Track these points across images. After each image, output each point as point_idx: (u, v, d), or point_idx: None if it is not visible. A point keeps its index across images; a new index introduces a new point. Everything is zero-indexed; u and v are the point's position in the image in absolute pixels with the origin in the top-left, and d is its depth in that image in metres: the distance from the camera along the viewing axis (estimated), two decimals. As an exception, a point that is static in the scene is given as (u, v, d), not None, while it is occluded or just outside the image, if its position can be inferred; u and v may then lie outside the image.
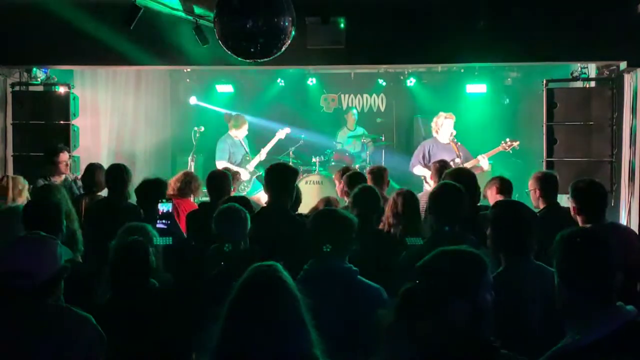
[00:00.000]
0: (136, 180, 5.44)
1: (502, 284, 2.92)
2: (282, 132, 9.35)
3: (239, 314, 2.03)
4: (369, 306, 2.94)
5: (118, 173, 5.50)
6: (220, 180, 5.41)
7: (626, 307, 2.28)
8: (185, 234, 5.00)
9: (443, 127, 7.96)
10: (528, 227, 3.23)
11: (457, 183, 4.10)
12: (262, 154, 8.91)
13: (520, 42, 7.07)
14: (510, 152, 8.01)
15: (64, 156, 6.71)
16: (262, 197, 6.87)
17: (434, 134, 8.10)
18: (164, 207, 4.36)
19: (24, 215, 3.83)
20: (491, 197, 5.13)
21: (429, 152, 8.03)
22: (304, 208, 5.54)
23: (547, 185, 5.03)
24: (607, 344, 2.16)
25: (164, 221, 4.36)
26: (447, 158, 7.49)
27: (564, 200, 5.65)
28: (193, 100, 11.01)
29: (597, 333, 2.17)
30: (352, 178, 5.44)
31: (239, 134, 8.95)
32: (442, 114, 8.11)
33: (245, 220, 3.93)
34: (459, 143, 7.99)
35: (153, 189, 4.90)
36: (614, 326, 2.19)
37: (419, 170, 8.03)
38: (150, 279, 3.34)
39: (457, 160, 7.71)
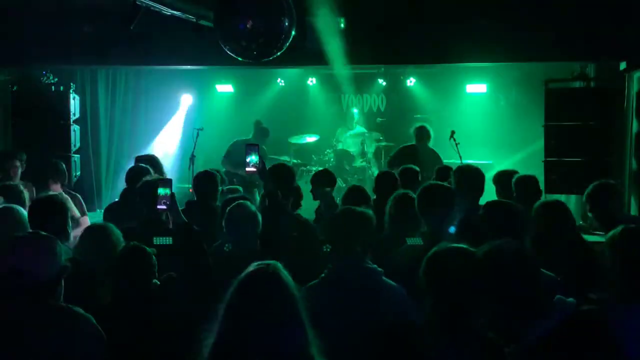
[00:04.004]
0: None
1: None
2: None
3: (236, 312, 2.04)
4: (393, 306, 2.95)
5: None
6: (205, 181, 5.27)
7: (567, 300, 2.37)
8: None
9: None
10: (520, 227, 3.24)
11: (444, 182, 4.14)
12: None
13: (520, 42, 7.08)
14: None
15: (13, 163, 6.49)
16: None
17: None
18: (161, 191, 4.36)
19: (30, 214, 3.83)
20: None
21: None
22: (303, 209, 5.53)
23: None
24: (550, 339, 2.24)
25: (163, 201, 4.35)
26: None
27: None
28: (189, 99, 11.00)
29: (538, 332, 2.25)
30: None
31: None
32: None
33: (255, 220, 3.90)
34: None
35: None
36: (555, 321, 2.26)
37: None
38: (152, 281, 3.34)
39: None
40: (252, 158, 4.49)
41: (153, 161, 5.68)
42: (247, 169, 4.56)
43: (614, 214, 4.20)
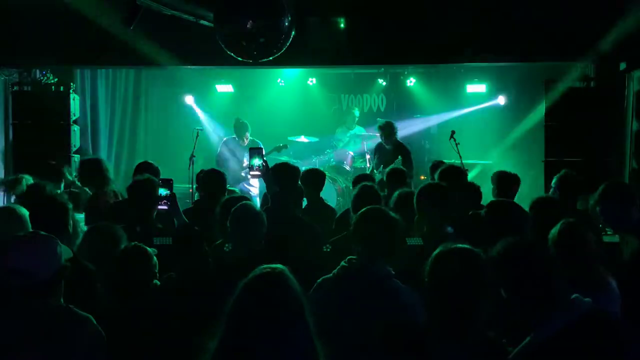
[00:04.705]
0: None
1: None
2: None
3: (241, 315, 2.03)
4: (400, 308, 2.95)
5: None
6: (213, 179, 5.24)
7: (583, 299, 2.37)
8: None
9: None
10: (520, 227, 3.24)
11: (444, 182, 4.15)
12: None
13: (520, 42, 7.07)
14: None
15: None
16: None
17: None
18: (162, 191, 4.39)
19: (31, 214, 3.83)
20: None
21: None
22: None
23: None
24: (563, 337, 2.24)
25: (164, 201, 4.37)
26: None
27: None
28: (189, 100, 11.01)
29: (551, 329, 2.25)
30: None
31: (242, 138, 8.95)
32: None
33: (261, 221, 3.90)
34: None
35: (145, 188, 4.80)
36: (568, 319, 2.27)
37: None
38: (153, 282, 3.34)
39: None
40: (256, 162, 4.49)
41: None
42: (251, 172, 4.56)
43: (625, 215, 4.16)
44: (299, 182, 4.92)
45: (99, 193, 5.43)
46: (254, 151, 4.58)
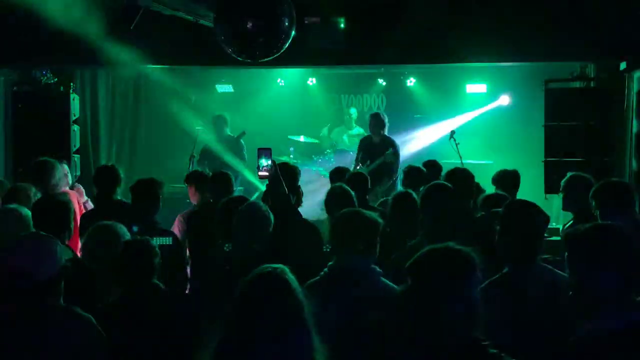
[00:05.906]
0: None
1: (507, 285, 2.94)
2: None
3: (242, 315, 2.03)
4: (391, 308, 2.94)
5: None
6: (221, 182, 5.33)
7: None
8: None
9: None
10: (538, 229, 3.21)
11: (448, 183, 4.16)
12: None
13: (520, 42, 7.07)
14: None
15: None
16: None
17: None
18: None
19: (33, 213, 3.83)
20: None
21: None
22: (303, 208, 5.53)
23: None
24: (629, 334, 2.18)
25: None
26: None
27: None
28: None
29: (619, 323, 2.20)
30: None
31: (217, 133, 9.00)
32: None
33: (269, 221, 3.89)
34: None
35: (147, 188, 4.83)
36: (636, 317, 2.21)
37: None
38: (155, 279, 3.33)
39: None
40: (264, 162, 4.48)
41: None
42: (260, 172, 4.55)
43: (622, 215, 4.10)
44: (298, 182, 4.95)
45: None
46: (262, 151, 4.57)
